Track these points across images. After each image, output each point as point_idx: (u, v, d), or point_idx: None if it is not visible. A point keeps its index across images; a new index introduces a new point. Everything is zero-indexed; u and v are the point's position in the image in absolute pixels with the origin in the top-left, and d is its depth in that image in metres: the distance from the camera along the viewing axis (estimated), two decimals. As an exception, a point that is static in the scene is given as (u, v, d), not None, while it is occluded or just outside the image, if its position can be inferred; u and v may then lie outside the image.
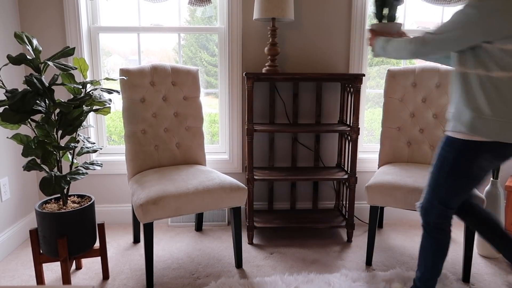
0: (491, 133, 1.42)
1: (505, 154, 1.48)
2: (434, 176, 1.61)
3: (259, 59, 2.58)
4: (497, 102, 1.40)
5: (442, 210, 1.61)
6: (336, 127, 2.39)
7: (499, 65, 1.38)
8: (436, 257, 1.65)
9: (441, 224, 1.63)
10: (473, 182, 1.54)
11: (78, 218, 1.82)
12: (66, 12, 2.42)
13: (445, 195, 1.58)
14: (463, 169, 1.51)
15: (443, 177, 1.57)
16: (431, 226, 1.64)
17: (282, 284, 1.93)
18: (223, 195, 1.98)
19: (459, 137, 1.50)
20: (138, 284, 1.97)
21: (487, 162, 1.49)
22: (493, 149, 1.45)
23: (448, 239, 1.65)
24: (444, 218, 1.62)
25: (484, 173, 1.53)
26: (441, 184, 1.58)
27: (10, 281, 1.99)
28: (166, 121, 2.34)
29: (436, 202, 1.61)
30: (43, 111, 1.74)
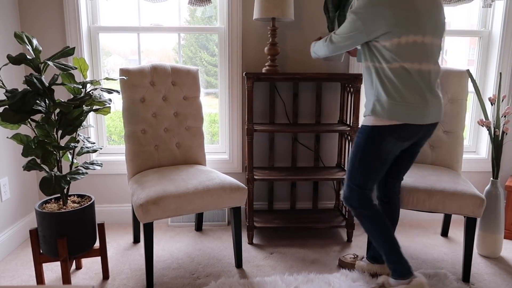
0: (388, 115, 1.64)
1: (406, 136, 1.68)
2: (350, 162, 1.81)
3: (259, 59, 2.58)
4: (390, 88, 1.64)
5: (361, 192, 1.80)
6: (336, 127, 2.39)
7: (385, 58, 1.64)
8: (379, 231, 1.79)
9: (364, 203, 1.81)
10: (383, 163, 1.75)
11: (78, 218, 1.82)
12: (66, 12, 2.42)
13: (360, 178, 1.78)
14: (372, 152, 1.72)
15: (357, 161, 1.77)
16: (358, 209, 1.82)
17: (282, 284, 1.93)
18: (223, 195, 1.98)
19: (367, 124, 1.73)
20: (138, 284, 1.97)
21: (391, 144, 1.69)
22: (393, 131, 1.66)
23: (376, 209, 1.81)
24: (364, 198, 1.81)
25: (392, 155, 1.74)
26: (356, 168, 1.78)
27: (10, 281, 1.99)
28: (166, 121, 2.34)
29: (353, 185, 1.81)
30: (43, 111, 1.74)
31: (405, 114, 1.63)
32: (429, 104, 1.66)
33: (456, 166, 2.35)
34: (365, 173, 1.77)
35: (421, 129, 1.70)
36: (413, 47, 1.61)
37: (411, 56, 1.61)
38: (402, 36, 1.59)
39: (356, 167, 1.78)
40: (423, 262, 2.22)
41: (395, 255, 1.77)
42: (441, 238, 2.53)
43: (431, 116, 1.69)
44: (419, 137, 1.75)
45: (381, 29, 1.60)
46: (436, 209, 1.97)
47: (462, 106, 2.35)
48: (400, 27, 1.58)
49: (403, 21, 1.58)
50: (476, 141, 2.85)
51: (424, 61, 1.63)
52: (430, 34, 1.63)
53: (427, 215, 2.83)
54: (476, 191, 1.96)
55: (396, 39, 1.60)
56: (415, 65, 1.62)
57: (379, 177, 1.80)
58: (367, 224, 1.81)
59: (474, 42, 2.79)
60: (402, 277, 1.75)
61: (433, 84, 1.68)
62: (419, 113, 1.64)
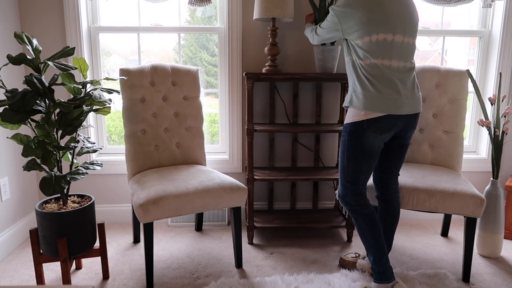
0: (363, 106, 1.72)
1: (383, 128, 1.74)
2: (340, 160, 1.86)
3: (259, 59, 2.58)
4: (365, 81, 1.72)
5: (354, 188, 1.83)
6: (336, 127, 2.39)
7: (358, 55, 1.73)
8: (373, 231, 1.82)
9: (359, 200, 1.83)
10: (369, 157, 1.79)
11: (78, 218, 1.82)
12: (66, 12, 2.42)
13: (351, 174, 1.82)
14: (356, 148, 1.78)
15: (345, 158, 1.82)
16: (353, 206, 1.84)
17: (282, 284, 1.93)
18: (223, 195, 1.98)
19: (347, 121, 1.80)
20: (138, 284, 1.97)
21: (372, 138, 1.75)
22: (370, 125, 1.72)
23: (372, 209, 1.84)
24: (358, 194, 1.83)
25: (376, 149, 1.79)
26: (346, 165, 1.83)
27: (10, 281, 1.99)
28: (166, 121, 2.34)
29: (346, 182, 1.84)
30: (43, 111, 1.74)
31: (378, 104, 1.70)
32: (403, 96, 1.72)
33: (456, 166, 2.35)
34: (354, 169, 1.81)
35: (398, 120, 1.75)
36: (384, 45, 1.69)
37: (382, 53, 1.70)
38: (372, 35, 1.69)
39: (346, 165, 1.83)
40: (423, 262, 2.22)
41: (383, 258, 1.81)
42: (441, 238, 2.53)
43: (407, 107, 1.74)
44: (399, 129, 1.80)
45: (353, 28, 1.71)
46: (436, 209, 1.97)
47: (462, 106, 2.35)
48: (371, 26, 1.68)
49: (374, 21, 1.68)
50: (476, 141, 2.85)
51: (395, 58, 1.71)
52: (400, 33, 1.71)
53: (427, 215, 2.83)
54: (476, 191, 1.96)
55: (367, 37, 1.69)
56: (385, 61, 1.70)
57: (370, 172, 1.84)
58: (361, 223, 1.84)
59: (474, 42, 2.79)
60: (385, 281, 1.80)
61: (406, 79, 1.75)
62: (393, 103, 1.70)
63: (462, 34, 2.71)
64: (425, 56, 2.98)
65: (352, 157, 1.80)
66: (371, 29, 1.68)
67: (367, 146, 1.77)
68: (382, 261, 1.81)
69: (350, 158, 1.80)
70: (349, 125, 1.79)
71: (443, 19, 2.72)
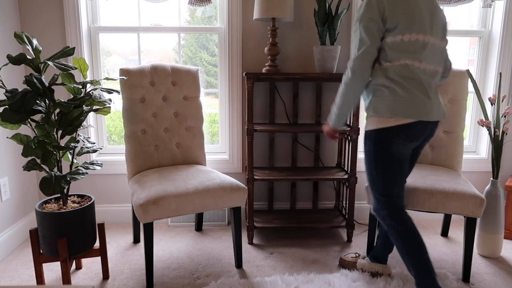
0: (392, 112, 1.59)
1: (413, 135, 1.62)
2: (367, 172, 1.73)
3: (259, 59, 2.58)
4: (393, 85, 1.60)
5: (387, 201, 1.69)
6: (336, 127, 2.39)
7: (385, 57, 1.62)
8: (412, 250, 1.64)
9: (395, 215, 1.69)
10: (399, 165, 1.66)
11: (78, 218, 1.82)
12: (66, 12, 2.42)
13: (383, 187, 1.68)
14: (384, 157, 1.65)
15: (373, 170, 1.69)
16: (389, 221, 1.70)
17: (282, 284, 1.93)
18: (223, 195, 1.98)
19: (370, 128, 1.67)
20: (138, 284, 1.97)
21: (401, 146, 1.63)
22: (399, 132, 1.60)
23: (411, 225, 1.67)
24: (393, 207, 1.69)
25: (405, 155, 1.67)
26: (375, 177, 1.69)
27: (10, 281, 1.99)
28: (166, 121, 2.34)
29: (379, 195, 1.71)
30: (43, 111, 1.74)
31: (410, 109, 1.58)
32: (432, 100, 1.62)
33: (456, 166, 2.35)
34: (386, 180, 1.67)
35: (427, 127, 1.64)
36: (415, 45, 1.59)
37: (413, 53, 1.59)
38: (405, 34, 1.58)
39: (375, 176, 1.69)
40: (423, 262, 2.22)
41: (427, 280, 1.61)
42: (441, 238, 2.53)
43: (435, 113, 1.64)
44: (425, 137, 1.68)
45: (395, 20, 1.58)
46: (436, 209, 1.97)
47: (462, 106, 2.35)
48: (406, 24, 1.58)
49: (408, 19, 1.58)
50: (476, 141, 2.85)
51: (425, 59, 1.62)
52: (431, 34, 1.62)
53: (427, 215, 2.83)
54: (476, 191, 1.96)
55: (399, 36, 1.59)
56: (416, 62, 1.60)
57: (402, 180, 1.70)
58: (398, 240, 1.67)
59: (474, 42, 2.79)
60: None
61: (432, 83, 1.66)
62: (423, 108, 1.59)
63: (462, 34, 2.71)
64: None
65: (381, 168, 1.66)
66: (405, 27, 1.58)
67: (397, 154, 1.63)
68: (425, 283, 1.61)
69: (379, 169, 1.67)
70: (374, 132, 1.65)
71: (443, 19, 2.71)
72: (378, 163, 1.67)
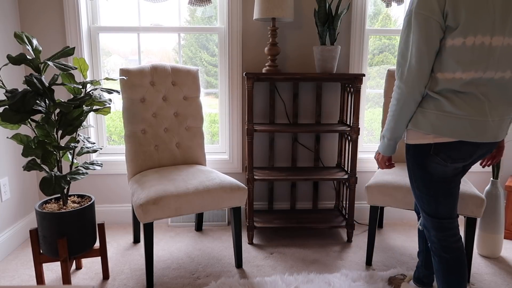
0: (432, 129, 1.35)
1: (456, 157, 1.36)
2: (411, 187, 1.53)
3: (259, 59, 2.58)
4: (439, 97, 1.34)
5: (435, 221, 1.47)
6: (336, 127, 2.39)
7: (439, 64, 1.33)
8: (451, 281, 1.45)
9: (443, 237, 1.46)
10: (444, 186, 1.42)
11: (78, 218, 1.82)
12: (66, 12, 2.42)
13: (427, 206, 1.47)
14: (423, 176, 1.43)
15: (415, 188, 1.49)
16: (436, 243, 1.48)
17: (282, 284, 1.93)
18: (223, 195, 1.98)
19: (409, 142, 1.45)
20: (138, 284, 1.97)
21: (441, 166, 1.38)
22: (439, 151, 1.36)
23: (457, 256, 1.44)
24: (441, 230, 1.46)
25: (452, 176, 1.41)
26: (419, 195, 1.49)
27: (10, 281, 1.99)
28: (166, 121, 2.34)
29: (425, 214, 1.49)
30: (43, 111, 1.74)
31: (454, 127, 1.31)
32: (489, 117, 1.31)
33: (456, 166, 2.34)
34: (430, 199, 1.45)
35: (479, 147, 1.35)
36: (479, 51, 1.27)
37: (476, 63, 1.28)
38: (468, 36, 1.26)
39: (418, 195, 1.48)
40: (423, 262, 2.22)
41: None
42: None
43: (491, 132, 1.32)
44: (477, 156, 1.40)
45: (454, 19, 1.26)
46: (436, 209, 1.97)
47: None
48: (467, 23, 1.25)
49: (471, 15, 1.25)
50: (476, 141, 2.85)
51: (491, 67, 1.29)
52: (503, 33, 1.27)
53: (427, 215, 2.82)
54: (476, 191, 1.96)
55: (460, 39, 1.27)
56: (479, 73, 1.29)
57: (451, 200, 1.45)
58: (439, 266, 1.47)
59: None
60: None
61: (498, 95, 1.32)
62: (475, 127, 1.30)
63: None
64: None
65: (423, 187, 1.44)
66: (468, 27, 1.24)
67: (436, 174, 1.40)
68: None
69: (420, 188, 1.46)
70: (412, 147, 1.43)
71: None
72: (418, 181, 1.46)
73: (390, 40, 2.77)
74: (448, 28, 1.28)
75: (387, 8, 2.70)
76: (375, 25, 2.75)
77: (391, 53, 2.78)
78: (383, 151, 1.52)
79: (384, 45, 2.77)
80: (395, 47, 2.78)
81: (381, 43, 2.76)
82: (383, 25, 2.76)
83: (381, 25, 2.76)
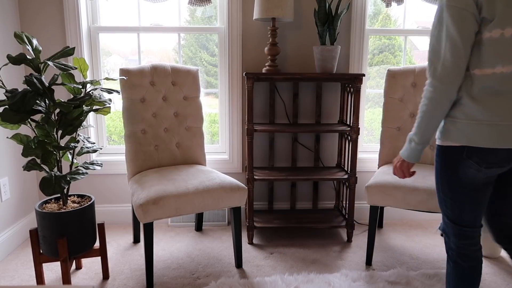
0: (466, 139, 1.26)
1: (492, 161, 1.26)
2: (436, 190, 1.43)
3: (259, 59, 2.58)
4: (471, 103, 1.25)
5: (456, 228, 1.37)
6: (336, 127, 2.39)
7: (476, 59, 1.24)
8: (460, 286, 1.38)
9: (463, 246, 1.37)
10: (472, 193, 1.32)
11: (78, 218, 1.82)
12: (66, 12, 2.42)
13: (451, 212, 1.37)
14: (450, 179, 1.34)
15: (440, 191, 1.39)
16: (453, 249, 1.39)
17: (282, 284, 1.93)
18: (223, 195, 1.98)
19: (440, 143, 1.36)
20: (138, 284, 1.97)
21: (473, 170, 1.28)
22: (472, 153, 1.26)
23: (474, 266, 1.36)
24: (462, 238, 1.36)
25: (482, 185, 1.32)
26: (443, 199, 1.39)
27: (10, 281, 1.99)
28: (166, 121, 2.34)
29: (447, 219, 1.40)
30: (43, 111, 1.74)
31: (489, 136, 1.23)
32: None
33: (456, 166, 2.34)
34: (454, 205, 1.35)
35: None
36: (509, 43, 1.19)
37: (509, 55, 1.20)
38: (507, 27, 1.17)
39: (442, 198, 1.39)
40: (423, 262, 2.22)
41: None
42: (441, 238, 2.53)
43: None
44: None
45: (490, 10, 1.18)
46: (436, 209, 1.97)
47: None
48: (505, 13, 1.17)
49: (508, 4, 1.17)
50: (476, 141, 2.85)
51: None
52: None
53: (427, 215, 2.83)
54: None
55: (498, 30, 1.18)
56: None
57: (478, 210, 1.34)
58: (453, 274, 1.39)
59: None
60: None
61: None
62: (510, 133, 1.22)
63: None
64: (425, 56, 2.97)
65: (448, 191, 1.35)
66: (506, 16, 1.16)
67: (466, 180, 1.30)
68: None
69: (446, 192, 1.36)
70: (442, 149, 1.33)
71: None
72: (444, 185, 1.36)
73: (390, 40, 2.77)
74: (484, 20, 1.20)
75: (387, 8, 2.70)
76: (375, 25, 2.75)
77: (391, 53, 2.79)
78: (407, 156, 1.40)
79: (384, 45, 2.77)
80: (395, 47, 2.78)
81: (381, 43, 2.76)
82: (383, 25, 2.76)
83: (381, 25, 2.76)
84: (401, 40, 2.76)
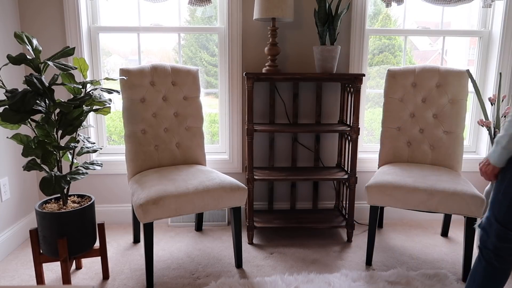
0: None
1: None
2: (495, 189, 1.41)
3: (259, 59, 2.58)
4: None
5: (501, 230, 1.37)
6: (336, 127, 2.39)
7: None
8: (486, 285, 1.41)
9: (501, 249, 1.38)
10: None
11: (78, 218, 1.82)
12: (66, 12, 2.42)
13: (504, 214, 1.37)
14: None
15: (501, 191, 1.37)
16: (490, 250, 1.41)
17: (282, 284, 1.93)
18: (223, 195, 1.98)
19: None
20: (138, 284, 1.97)
21: None
22: None
23: (505, 269, 1.39)
24: (503, 241, 1.37)
25: None
26: (500, 200, 1.38)
27: (10, 281, 1.99)
28: (166, 121, 2.34)
29: (493, 219, 1.40)
30: (43, 111, 1.74)
31: None
32: None
33: (456, 166, 2.35)
34: (508, 208, 1.35)
35: None
36: None
37: None
38: None
39: (500, 199, 1.37)
40: (423, 262, 2.22)
41: None
42: (441, 238, 2.53)
43: None
44: None
45: None
46: (436, 209, 1.97)
47: (462, 106, 2.35)
48: None
49: None
50: (476, 141, 2.85)
51: None
52: None
53: (427, 215, 2.83)
54: (476, 191, 1.96)
55: None
56: None
57: None
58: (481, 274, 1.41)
59: (474, 42, 2.79)
60: None
61: None
62: None
63: (462, 34, 2.71)
64: (425, 56, 2.98)
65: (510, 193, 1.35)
66: None
67: None
68: None
69: (507, 194, 1.35)
70: None
71: (443, 19, 2.72)
72: (509, 187, 1.35)
73: (390, 40, 2.77)
74: None
75: (387, 8, 2.70)
76: (375, 25, 2.75)
77: (391, 53, 2.79)
78: (495, 160, 1.39)
79: (384, 45, 2.77)
80: (395, 47, 2.78)
81: (381, 43, 2.76)
82: (383, 25, 2.76)
83: (381, 25, 2.76)
84: (401, 40, 2.76)
